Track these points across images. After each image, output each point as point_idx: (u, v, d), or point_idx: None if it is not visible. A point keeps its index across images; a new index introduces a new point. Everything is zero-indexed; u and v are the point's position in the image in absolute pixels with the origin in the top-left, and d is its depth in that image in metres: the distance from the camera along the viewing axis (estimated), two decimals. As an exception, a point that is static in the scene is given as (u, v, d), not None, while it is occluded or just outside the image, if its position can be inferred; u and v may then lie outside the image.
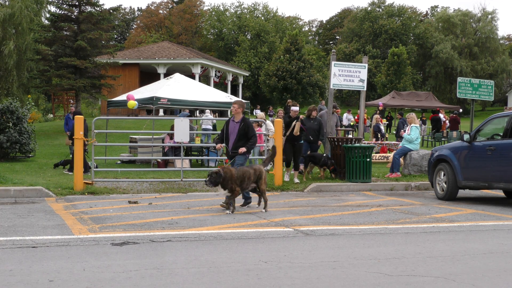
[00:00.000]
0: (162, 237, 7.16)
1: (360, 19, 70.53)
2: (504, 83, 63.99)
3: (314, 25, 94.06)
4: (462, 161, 11.33)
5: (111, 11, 31.89)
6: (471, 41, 62.54)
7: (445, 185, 11.57)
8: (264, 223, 8.33)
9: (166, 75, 33.08)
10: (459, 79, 17.93)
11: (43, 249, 6.40)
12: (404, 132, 14.87)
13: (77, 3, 29.17)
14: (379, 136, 22.24)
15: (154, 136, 17.71)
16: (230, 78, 45.28)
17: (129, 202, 10.46)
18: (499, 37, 66.80)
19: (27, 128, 17.97)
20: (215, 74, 42.28)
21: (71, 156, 15.02)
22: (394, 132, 27.32)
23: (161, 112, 32.12)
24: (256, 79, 57.43)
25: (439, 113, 30.77)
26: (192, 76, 35.15)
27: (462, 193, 12.37)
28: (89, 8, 29.44)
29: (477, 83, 17.84)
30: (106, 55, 30.73)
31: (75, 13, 29.21)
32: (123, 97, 18.83)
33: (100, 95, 30.39)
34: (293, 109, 13.71)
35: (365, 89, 14.72)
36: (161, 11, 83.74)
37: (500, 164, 10.50)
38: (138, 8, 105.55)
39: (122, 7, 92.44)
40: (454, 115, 28.01)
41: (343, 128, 15.92)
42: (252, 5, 72.56)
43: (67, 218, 8.48)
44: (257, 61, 59.79)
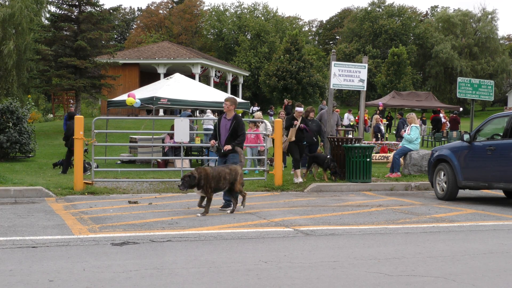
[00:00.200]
0: (162, 237, 7.16)
1: (360, 19, 70.54)
2: (504, 83, 64.01)
3: (314, 25, 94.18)
4: (462, 161, 11.33)
5: (111, 11, 31.89)
6: (471, 41, 62.55)
7: (445, 185, 11.57)
8: (264, 223, 8.33)
9: (166, 75, 33.07)
10: (459, 79, 17.92)
11: (43, 249, 6.40)
12: (404, 132, 14.87)
13: (77, 3, 29.16)
14: (379, 136, 22.25)
15: (154, 136, 17.71)
16: (230, 78, 45.27)
17: (129, 202, 10.46)
18: (499, 37, 66.83)
19: (27, 128, 17.97)
20: (215, 74, 42.26)
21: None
22: (394, 132, 27.32)
23: (161, 112, 32.12)
24: (256, 79, 57.43)
25: (440, 113, 30.78)
26: (192, 76, 35.13)
27: (462, 193, 12.37)
28: (89, 8, 29.43)
29: (477, 83, 17.84)
30: (106, 55, 30.72)
31: (75, 13, 29.21)
32: (123, 97, 18.83)
33: (100, 95, 30.38)
34: (297, 109, 13.44)
35: (365, 89, 14.72)
36: (161, 11, 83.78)
37: (500, 164, 10.50)
38: (138, 8, 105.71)
39: (122, 7, 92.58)
40: (454, 115, 28.02)
41: (343, 128, 15.89)
42: (252, 5, 72.66)
43: (67, 218, 8.48)
44: (257, 61, 59.78)
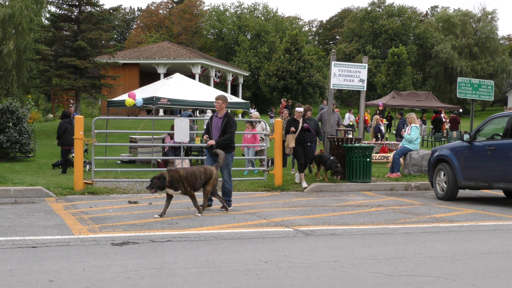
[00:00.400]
0: (162, 237, 7.16)
1: (360, 19, 70.53)
2: (504, 83, 64.02)
3: (314, 25, 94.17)
4: (462, 161, 11.33)
5: (111, 11, 31.89)
6: (471, 41, 62.56)
7: (445, 185, 11.57)
8: (264, 223, 8.33)
9: (166, 75, 33.09)
10: (459, 79, 17.92)
11: (43, 249, 6.40)
12: (405, 132, 14.87)
13: (77, 3, 29.17)
14: (379, 136, 22.25)
15: (154, 136, 17.71)
16: (230, 78, 45.27)
17: (129, 202, 10.47)
18: (499, 37, 66.86)
19: (27, 128, 17.97)
20: (215, 74, 42.26)
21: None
22: (394, 132, 27.31)
23: (161, 112, 32.12)
24: (256, 79, 57.44)
25: (441, 114, 30.81)
26: (192, 76, 35.14)
27: (462, 193, 12.37)
28: (89, 8, 29.43)
29: (477, 83, 17.83)
30: (106, 55, 30.73)
31: (75, 13, 29.21)
32: (123, 97, 18.83)
33: (100, 95, 30.39)
34: (297, 110, 13.24)
35: (365, 89, 14.70)
36: (161, 11, 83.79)
37: (500, 164, 10.50)
38: (138, 8, 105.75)
39: (122, 7, 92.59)
40: (454, 115, 28.01)
41: (343, 128, 15.87)
42: (252, 5, 72.69)
43: (67, 218, 8.48)
44: (257, 61, 59.79)
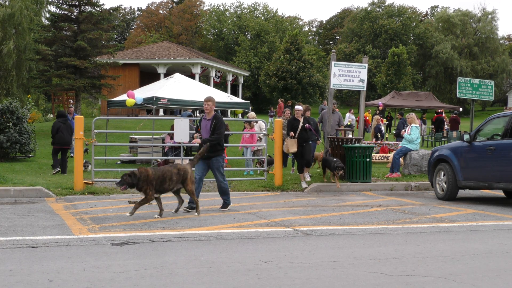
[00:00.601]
0: (162, 237, 7.16)
1: (360, 19, 70.51)
2: (504, 83, 64.00)
3: (314, 25, 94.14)
4: (462, 161, 11.33)
5: (111, 11, 31.87)
6: (471, 41, 62.54)
7: (445, 185, 11.57)
8: (264, 223, 8.33)
9: (166, 75, 33.08)
10: (459, 79, 17.91)
11: (43, 249, 6.40)
12: (405, 132, 14.87)
13: (77, 3, 29.16)
14: (379, 137, 22.26)
15: (154, 136, 17.71)
16: (230, 78, 45.27)
17: (129, 202, 10.44)
18: (499, 37, 66.82)
19: (27, 128, 17.97)
20: (215, 74, 42.26)
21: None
22: (394, 132, 27.30)
23: (161, 112, 32.12)
24: (256, 79, 57.44)
25: (442, 114, 30.85)
26: (192, 76, 35.13)
27: (462, 193, 12.37)
28: (89, 8, 29.42)
29: (477, 83, 17.82)
30: (106, 55, 30.72)
31: (75, 13, 29.20)
32: (123, 97, 18.82)
33: (100, 95, 30.38)
34: (297, 108, 13.05)
35: (365, 89, 14.70)
36: (161, 11, 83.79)
37: (500, 164, 10.50)
38: (138, 8, 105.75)
39: (122, 7, 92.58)
40: (454, 115, 28.01)
41: (343, 128, 15.86)
42: (252, 5, 72.71)
43: (67, 218, 8.49)
44: (257, 61, 59.79)
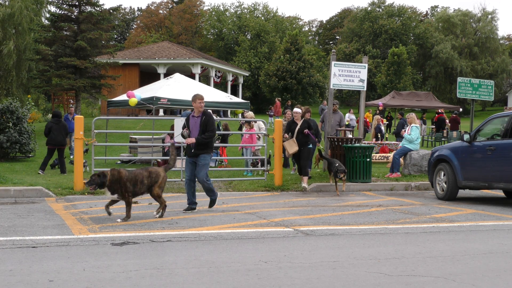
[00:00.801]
0: (162, 237, 7.16)
1: (360, 19, 70.47)
2: (504, 83, 63.97)
3: (314, 25, 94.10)
4: (462, 161, 11.33)
5: (111, 11, 31.88)
6: (471, 41, 62.51)
7: (445, 185, 11.57)
8: (264, 223, 8.33)
9: (166, 75, 33.07)
10: (459, 79, 17.91)
11: (43, 249, 6.40)
12: (405, 132, 14.87)
13: (77, 3, 29.15)
14: (379, 137, 22.26)
15: (154, 136, 17.71)
16: (230, 78, 45.27)
17: (129, 202, 10.45)
18: (499, 37, 66.75)
19: (27, 128, 17.99)
20: (215, 74, 42.26)
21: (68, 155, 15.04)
22: (394, 132, 27.29)
23: (161, 112, 32.12)
24: (256, 79, 57.42)
25: (443, 114, 30.89)
26: (192, 76, 35.12)
27: (462, 193, 12.37)
28: (89, 8, 29.42)
29: (477, 83, 17.82)
30: (106, 55, 30.72)
31: (75, 13, 29.20)
32: (123, 97, 18.81)
33: (100, 95, 30.38)
34: (295, 111, 12.76)
35: (365, 89, 14.71)
36: (161, 11, 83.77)
37: (500, 164, 10.50)
38: (138, 8, 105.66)
39: (122, 7, 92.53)
40: (454, 115, 28.01)
41: (343, 128, 15.86)
42: (252, 5, 72.65)
43: (67, 218, 8.49)
44: (257, 61, 59.76)
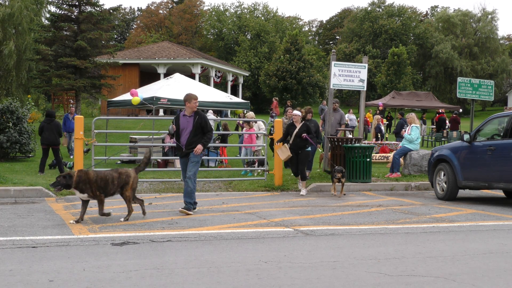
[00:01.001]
0: (162, 237, 7.16)
1: (360, 19, 70.47)
2: (504, 83, 63.96)
3: (314, 25, 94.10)
4: (462, 161, 11.33)
5: (111, 11, 31.88)
6: (471, 41, 62.50)
7: (445, 185, 11.57)
8: (264, 223, 8.33)
9: (166, 75, 33.08)
10: (459, 79, 17.91)
11: (43, 249, 6.40)
12: (405, 132, 14.87)
13: (77, 3, 29.15)
14: (379, 136, 22.27)
15: (154, 136, 17.70)
16: (230, 78, 45.28)
17: (129, 202, 10.45)
18: (499, 37, 66.74)
19: (27, 128, 17.97)
20: (215, 74, 42.26)
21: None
22: (394, 132, 27.30)
23: (161, 112, 32.12)
24: (256, 79, 57.42)
25: (444, 114, 30.94)
26: (192, 76, 35.13)
27: (462, 193, 12.36)
28: (89, 8, 29.42)
29: (477, 83, 17.82)
30: (106, 55, 30.72)
31: (75, 13, 29.20)
32: (123, 97, 18.82)
33: (100, 95, 30.38)
34: (295, 113, 12.31)
35: (365, 89, 14.70)
36: (161, 11, 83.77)
37: (500, 164, 10.50)
38: (138, 8, 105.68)
39: (122, 7, 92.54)
40: (454, 115, 28.01)
41: (344, 128, 15.86)
42: (252, 5, 72.65)
43: (67, 218, 8.49)
44: (257, 61, 59.76)
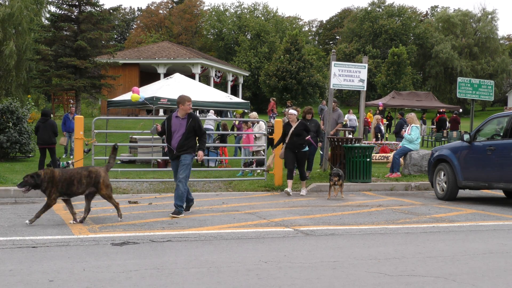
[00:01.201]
0: (162, 237, 7.16)
1: (360, 19, 70.46)
2: (504, 83, 63.94)
3: (314, 25, 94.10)
4: (462, 161, 11.33)
5: (111, 11, 31.89)
6: (471, 41, 62.48)
7: (445, 185, 11.57)
8: (264, 223, 8.33)
9: (166, 75, 33.08)
10: (459, 79, 17.91)
11: (43, 249, 6.40)
12: (405, 132, 14.87)
13: (77, 3, 29.16)
14: (379, 136, 22.28)
15: (154, 136, 17.69)
16: (230, 78, 45.28)
17: (129, 202, 10.46)
18: (499, 37, 66.70)
19: (27, 128, 17.98)
20: (215, 74, 42.26)
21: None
22: (394, 132, 27.30)
23: (161, 112, 32.11)
24: (256, 79, 57.41)
25: (444, 114, 30.94)
26: (192, 76, 35.13)
27: (462, 193, 12.36)
28: (89, 8, 29.43)
29: (477, 83, 17.82)
30: (106, 55, 30.73)
31: (75, 13, 29.21)
32: (123, 97, 18.82)
33: (100, 95, 30.39)
34: (290, 112, 11.99)
35: (365, 89, 14.70)
36: (161, 11, 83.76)
37: (500, 164, 10.49)
38: (138, 8, 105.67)
39: (122, 7, 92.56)
40: (454, 115, 28.01)
41: (344, 128, 15.85)
42: (252, 5, 72.64)
43: (67, 218, 8.49)
44: (257, 61, 59.75)
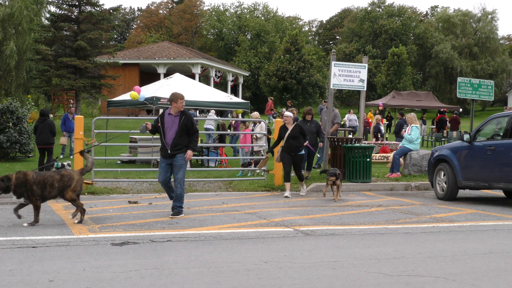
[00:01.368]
0: (162, 237, 7.16)
1: (360, 19, 70.48)
2: (504, 83, 63.93)
3: (314, 25, 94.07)
4: (462, 161, 11.33)
5: (111, 11, 31.89)
6: (471, 41, 62.47)
7: (445, 185, 11.57)
8: (264, 223, 8.33)
9: (166, 75, 33.08)
10: (459, 79, 17.91)
11: (43, 249, 6.40)
12: (405, 132, 14.87)
13: (77, 3, 29.16)
14: (379, 136, 22.27)
15: (154, 136, 17.69)
16: (230, 78, 45.29)
17: (129, 202, 10.47)
18: (499, 37, 66.69)
19: (27, 128, 17.99)
20: (215, 74, 42.27)
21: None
22: (394, 132, 27.30)
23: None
24: (256, 79, 57.40)
25: (445, 114, 30.97)
26: (192, 76, 35.14)
27: (462, 193, 12.36)
28: (89, 8, 29.43)
29: (477, 83, 17.82)
30: (106, 55, 30.73)
31: (75, 13, 29.21)
32: (123, 97, 18.82)
33: (100, 95, 30.39)
34: (286, 114, 11.73)
35: (365, 89, 14.69)
36: (161, 11, 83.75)
37: (500, 164, 10.49)
38: (138, 8, 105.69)
39: (122, 7, 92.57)
40: (454, 115, 28.02)
41: (343, 128, 15.85)
42: (252, 5, 72.62)
43: (67, 218, 8.49)
44: (257, 61, 59.73)
